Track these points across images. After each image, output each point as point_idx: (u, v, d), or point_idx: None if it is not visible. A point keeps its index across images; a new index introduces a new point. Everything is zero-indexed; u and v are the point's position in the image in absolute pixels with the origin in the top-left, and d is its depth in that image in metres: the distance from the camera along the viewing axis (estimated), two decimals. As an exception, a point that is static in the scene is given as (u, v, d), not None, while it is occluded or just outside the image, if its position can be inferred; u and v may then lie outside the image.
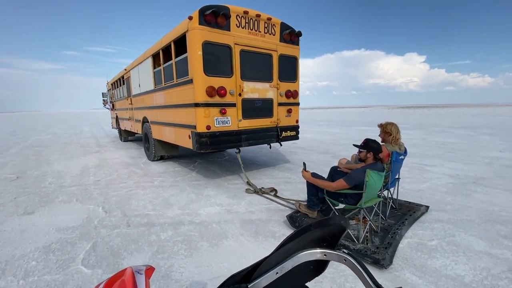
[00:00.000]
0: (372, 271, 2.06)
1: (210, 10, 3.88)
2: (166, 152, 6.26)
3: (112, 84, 10.58)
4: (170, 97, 5.02)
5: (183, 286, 1.97)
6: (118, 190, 4.22)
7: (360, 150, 2.63)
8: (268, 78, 4.81)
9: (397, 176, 3.14)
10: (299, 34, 5.02)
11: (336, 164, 3.45)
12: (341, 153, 6.93)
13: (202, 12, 3.86)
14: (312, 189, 2.88)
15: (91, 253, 2.43)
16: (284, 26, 4.83)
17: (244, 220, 3.04)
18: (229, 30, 4.17)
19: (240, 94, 4.43)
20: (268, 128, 4.91)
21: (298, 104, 5.41)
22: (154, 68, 5.62)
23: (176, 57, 4.57)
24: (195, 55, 3.95)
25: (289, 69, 5.13)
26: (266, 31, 4.63)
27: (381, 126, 3.11)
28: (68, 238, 2.73)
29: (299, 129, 5.51)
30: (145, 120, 6.66)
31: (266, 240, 2.60)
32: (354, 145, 2.76)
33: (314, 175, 2.82)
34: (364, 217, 2.57)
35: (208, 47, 4.00)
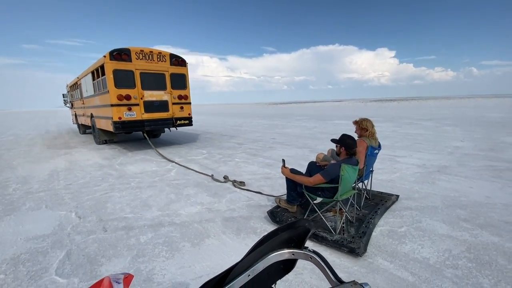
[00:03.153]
0: (348, 260, 2.19)
1: (116, 52, 6.62)
2: (107, 137, 8.63)
3: (70, 87, 12.84)
4: (101, 100, 7.64)
5: (165, 288, 1.96)
6: (92, 193, 4.03)
7: (336, 144, 2.75)
8: (163, 88, 7.51)
9: (371, 169, 3.32)
10: (184, 60, 7.86)
11: (313, 158, 3.57)
12: (319, 147, 7.14)
13: (111, 53, 6.57)
14: (291, 184, 2.97)
15: (65, 262, 2.33)
16: (172, 56, 7.61)
17: (226, 218, 3.06)
18: (131, 61, 6.86)
19: (142, 98, 7.12)
20: (165, 118, 7.63)
21: (189, 103, 8.17)
22: (93, 80, 8.08)
23: (102, 76, 7.12)
24: (109, 77, 6.64)
25: (180, 81, 7.82)
26: (158, 60, 7.35)
27: (356, 123, 3.24)
28: (39, 247, 2.58)
29: (192, 119, 8.32)
30: (92, 116, 9.00)
31: (248, 236, 2.65)
32: (331, 140, 2.87)
33: (293, 171, 2.91)
34: (340, 209, 2.71)
35: (117, 72, 6.66)
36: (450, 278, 1.95)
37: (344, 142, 2.63)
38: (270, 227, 2.82)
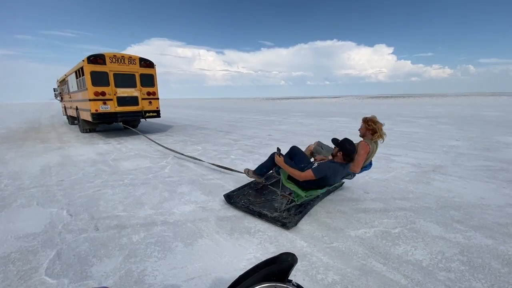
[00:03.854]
0: (341, 261, 2.17)
1: (92, 57, 8.22)
2: (89, 127, 10.20)
3: (60, 82, 14.35)
4: (82, 96, 9.20)
5: (156, 290, 1.94)
6: (84, 190, 3.98)
7: (335, 146, 2.73)
8: (133, 86, 9.13)
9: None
10: (151, 63, 9.40)
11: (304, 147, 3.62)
12: (315, 145, 7.13)
13: (88, 58, 8.18)
14: (271, 165, 3.06)
15: (55, 262, 2.29)
16: (141, 59, 9.18)
17: (220, 217, 3.04)
18: (106, 64, 8.43)
19: (115, 94, 8.71)
20: (136, 111, 9.30)
21: (157, 98, 9.80)
22: (76, 78, 9.70)
23: (82, 76, 8.70)
24: (87, 77, 8.25)
25: (148, 81, 9.41)
26: (129, 63, 8.93)
27: (365, 121, 3.04)
28: (29, 246, 2.54)
29: (160, 112, 10.05)
30: (77, 108, 10.59)
31: (241, 236, 2.63)
32: (332, 140, 2.83)
33: (286, 161, 2.92)
34: (289, 193, 2.85)
35: (93, 73, 8.25)
36: (442, 281, 1.95)
37: (344, 147, 2.60)
38: (264, 227, 2.80)
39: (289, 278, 0.65)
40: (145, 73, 9.27)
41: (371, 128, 3.01)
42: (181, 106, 38.67)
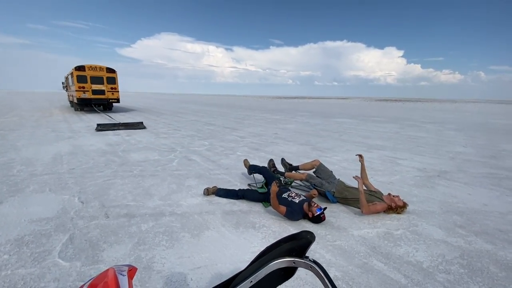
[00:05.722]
0: (343, 259, 2.23)
1: (77, 67, 15.03)
2: (78, 107, 15.86)
3: (65, 78, 20.16)
4: (73, 88, 15.77)
5: (164, 276, 2.03)
6: (95, 179, 4.10)
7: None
8: (102, 83, 15.74)
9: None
10: (114, 70, 16.14)
11: (315, 156, 3.62)
12: (320, 145, 7.17)
13: (75, 67, 15.02)
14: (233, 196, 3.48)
15: (68, 245, 2.39)
16: (107, 68, 15.92)
17: (226, 211, 3.12)
18: (85, 71, 15.24)
19: (90, 88, 15.29)
20: (103, 98, 15.93)
21: (118, 91, 16.51)
22: (71, 78, 15.69)
23: (73, 77, 15.31)
24: (74, 78, 15.06)
25: (112, 80, 16.08)
26: (99, 70, 15.64)
27: (403, 206, 3.08)
28: (43, 230, 2.65)
29: (119, 99, 16.83)
30: (72, 96, 17.14)
31: (246, 230, 2.71)
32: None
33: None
34: (123, 124, 7.07)
35: (78, 76, 15.02)
36: (441, 282, 2.00)
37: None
38: (269, 222, 2.87)
39: (306, 255, 0.71)
40: (109, 76, 15.84)
41: (394, 208, 3.07)
42: (190, 102, 38.90)
